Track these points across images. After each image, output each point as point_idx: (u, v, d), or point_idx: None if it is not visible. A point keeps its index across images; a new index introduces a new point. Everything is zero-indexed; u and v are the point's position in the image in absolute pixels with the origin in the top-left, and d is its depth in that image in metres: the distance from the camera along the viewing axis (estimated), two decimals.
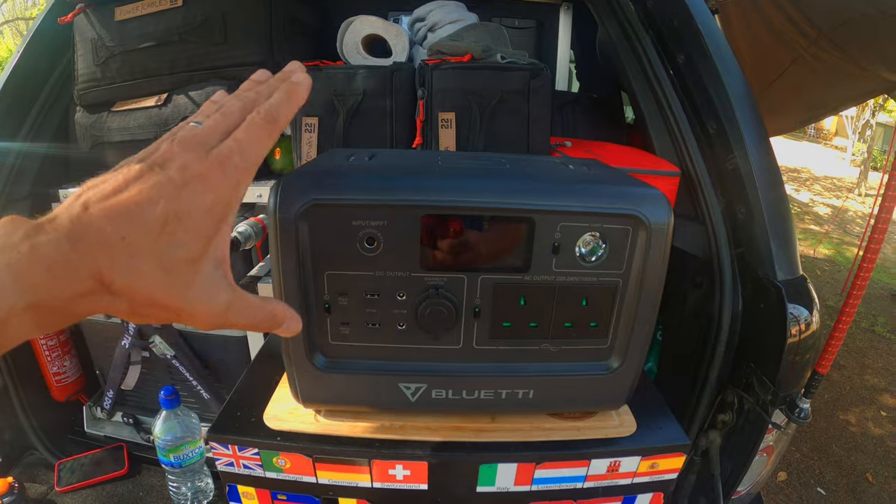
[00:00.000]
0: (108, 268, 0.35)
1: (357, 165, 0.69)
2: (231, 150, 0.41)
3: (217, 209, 0.40)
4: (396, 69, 1.27)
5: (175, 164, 0.38)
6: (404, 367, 0.71)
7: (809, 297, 1.07)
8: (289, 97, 0.48)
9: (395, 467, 0.76)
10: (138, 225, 0.36)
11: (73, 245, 0.34)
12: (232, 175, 0.41)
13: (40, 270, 0.34)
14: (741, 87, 1.19)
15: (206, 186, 0.39)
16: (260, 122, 0.44)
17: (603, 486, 0.81)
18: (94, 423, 1.68)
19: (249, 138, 0.43)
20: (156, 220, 0.37)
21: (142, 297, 0.37)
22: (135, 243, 0.36)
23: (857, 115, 12.19)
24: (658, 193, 0.66)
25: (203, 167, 0.39)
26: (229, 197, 0.41)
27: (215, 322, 0.42)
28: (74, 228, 0.35)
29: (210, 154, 0.40)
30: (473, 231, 0.63)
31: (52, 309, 0.35)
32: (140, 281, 0.37)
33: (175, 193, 0.37)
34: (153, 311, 0.39)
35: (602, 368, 0.73)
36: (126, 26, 1.43)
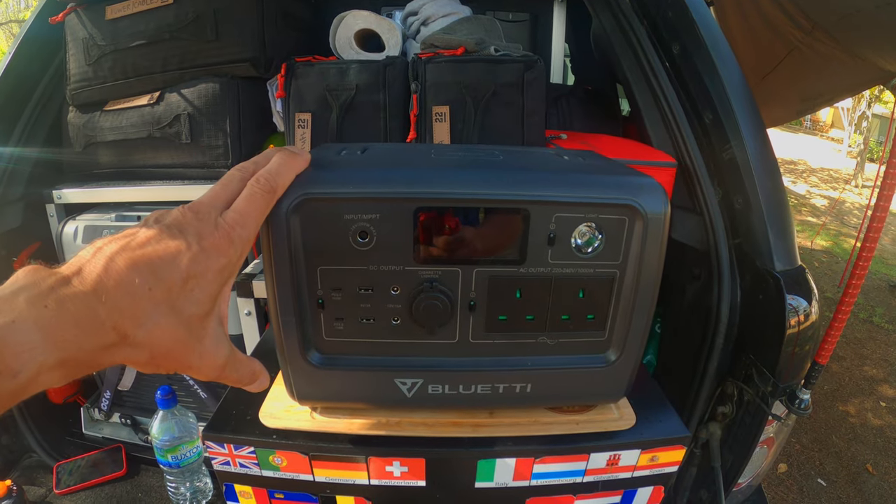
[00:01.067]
0: (132, 319, 0.38)
1: (349, 159, 0.68)
2: (234, 221, 0.46)
3: (226, 272, 0.45)
4: (389, 63, 1.27)
5: (191, 230, 0.43)
6: (400, 363, 0.70)
7: (808, 287, 1.06)
8: (287, 164, 0.54)
9: (393, 464, 0.75)
10: (164, 278, 0.39)
11: (99, 298, 0.36)
12: (238, 244, 0.45)
13: (69, 326, 0.35)
14: (737, 76, 1.18)
15: (219, 253, 0.43)
16: (259, 191, 0.49)
17: (603, 479, 0.80)
18: (91, 424, 1.67)
19: (249, 208, 0.48)
20: (179, 276, 0.40)
21: (161, 350, 0.41)
22: (159, 296, 0.39)
23: (854, 107, 12.21)
24: (654, 183, 0.65)
25: (215, 237, 0.43)
26: (235, 261, 0.46)
27: (214, 374, 0.47)
28: (101, 281, 0.37)
29: (218, 225, 0.44)
30: (467, 223, 0.62)
31: (77, 362, 0.37)
32: (162, 333, 0.40)
33: (195, 256, 0.42)
34: (168, 363, 0.42)
35: (600, 361, 0.72)
36: (117, 25, 1.42)
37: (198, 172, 1.43)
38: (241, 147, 1.42)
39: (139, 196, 1.44)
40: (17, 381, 0.33)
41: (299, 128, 1.27)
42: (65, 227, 1.45)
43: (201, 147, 1.40)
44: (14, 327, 0.33)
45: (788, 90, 2.98)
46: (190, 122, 1.39)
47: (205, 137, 1.39)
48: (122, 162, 1.49)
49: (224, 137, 1.38)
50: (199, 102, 1.38)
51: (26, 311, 0.34)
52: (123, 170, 1.50)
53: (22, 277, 0.36)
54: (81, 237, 1.43)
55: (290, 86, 1.29)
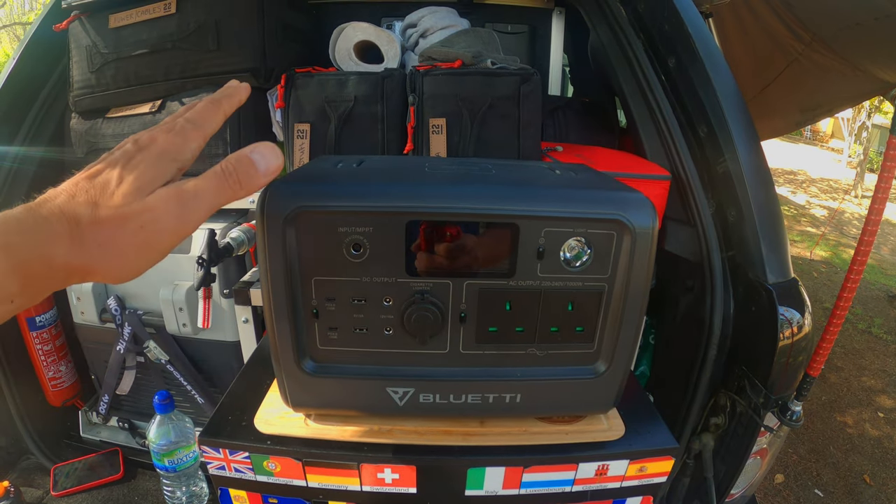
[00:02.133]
0: (72, 209, 0.41)
1: (344, 172, 0.69)
2: (175, 117, 0.50)
3: (166, 156, 0.46)
4: (387, 75, 1.28)
5: (128, 142, 0.46)
6: (392, 372, 0.72)
7: (801, 299, 1.07)
8: (229, 89, 0.55)
9: (384, 471, 0.76)
10: (100, 179, 0.43)
11: (41, 206, 0.40)
12: (180, 131, 0.48)
13: (13, 230, 0.38)
14: (731, 90, 1.20)
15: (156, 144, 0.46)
16: (202, 102, 0.53)
17: (591, 489, 0.81)
18: (89, 427, 1.68)
19: (192, 112, 0.51)
20: (114, 173, 0.43)
21: (105, 227, 0.41)
22: (96, 190, 0.42)
23: (854, 117, 12.21)
24: (642, 198, 0.66)
25: (152, 133, 0.47)
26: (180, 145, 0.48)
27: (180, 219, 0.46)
28: (44, 198, 0.41)
29: (156, 127, 0.49)
30: (458, 237, 0.64)
31: (32, 265, 0.39)
32: (100, 209, 0.41)
33: (129, 156, 0.44)
34: (119, 236, 0.42)
35: (589, 372, 0.73)
36: (120, 33, 1.44)
37: None
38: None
39: None
40: None
41: (298, 138, 1.29)
42: None
43: (201, 156, 1.38)
44: None
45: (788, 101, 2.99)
46: None
47: (205, 146, 1.40)
48: None
49: (224, 146, 1.39)
50: None
51: None
52: None
53: None
54: None
55: (290, 96, 1.30)
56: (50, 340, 1.58)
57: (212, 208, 0.47)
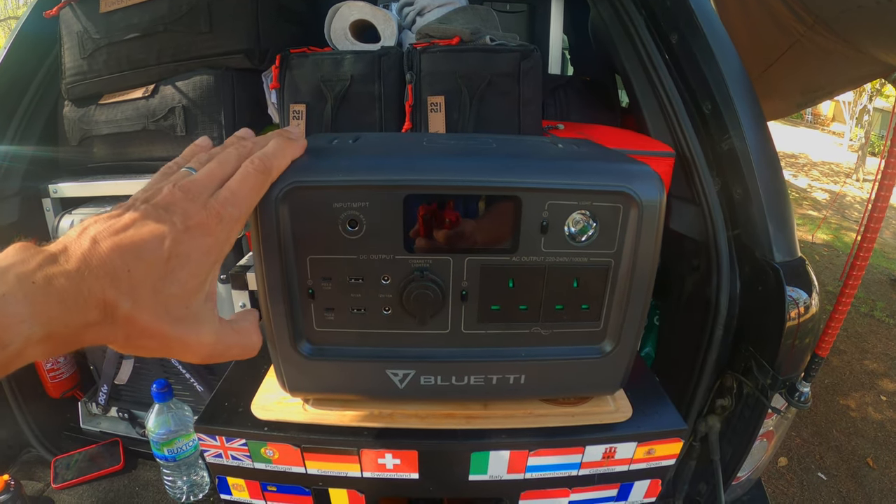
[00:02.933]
0: (114, 297, 0.39)
1: (339, 147, 0.67)
2: (226, 200, 0.46)
3: (213, 252, 0.45)
4: (384, 53, 1.25)
5: (178, 210, 0.43)
6: (391, 353, 0.70)
7: (808, 279, 1.05)
8: (285, 148, 0.54)
9: (385, 456, 0.75)
10: (144, 260, 0.40)
11: (83, 276, 0.38)
12: (227, 224, 0.46)
13: (54, 302, 0.37)
14: (736, 66, 1.17)
15: (205, 232, 0.44)
16: (253, 172, 0.50)
17: (598, 473, 0.79)
18: (89, 418, 1.67)
19: (242, 189, 0.48)
20: (160, 257, 0.41)
21: (138, 328, 0.41)
22: (139, 276, 0.40)
23: (855, 101, 12.18)
24: (649, 170, 0.64)
25: (202, 217, 0.44)
26: (224, 242, 0.46)
27: (205, 352, 0.47)
28: (86, 260, 0.39)
29: (208, 204, 0.45)
30: (458, 211, 0.61)
31: (62, 337, 0.38)
32: (140, 310, 0.40)
33: (178, 237, 0.42)
34: (146, 341, 0.43)
35: (595, 352, 0.71)
36: (111, 18, 1.41)
37: None
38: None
39: (135, 189, 1.41)
40: (6, 352, 0.35)
41: (294, 119, 1.26)
42: (61, 221, 1.44)
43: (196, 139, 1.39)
44: (5, 300, 0.35)
45: (789, 83, 2.97)
46: (185, 115, 1.38)
47: (200, 130, 1.38)
48: (117, 155, 1.48)
49: (219, 129, 1.37)
50: (193, 95, 1.37)
51: (16, 286, 0.36)
52: (119, 163, 1.49)
53: (11, 254, 0.38)
54: None
55: (285, 77, 1.28)
56: None
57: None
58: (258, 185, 0.50)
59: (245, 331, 0.51)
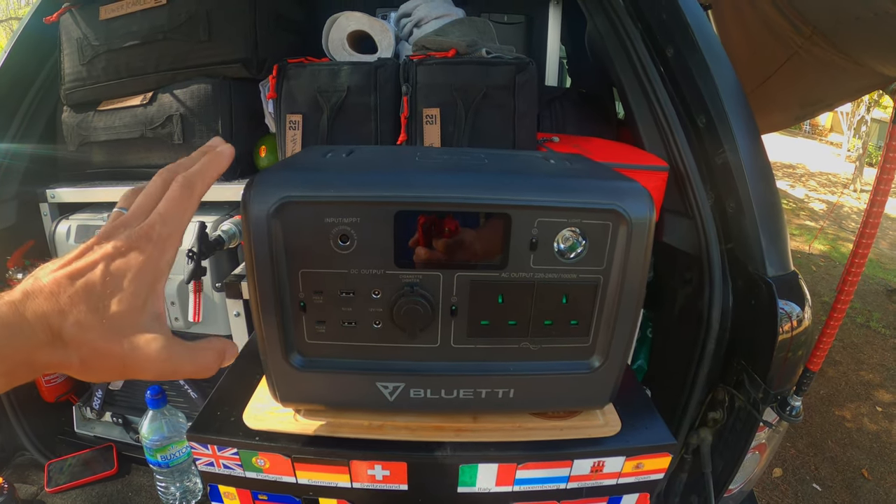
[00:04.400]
0: (57, 320, 0.42)
1: (332, 162, 0.68)
2: (154, 221, 0.48)
3: (148, 270, 0.46)
4: (380, 65, 1.26)
5: (110, 243, 0.46)
6: (381, 366, 0.70)
7: (801, 293, 1.06)
8: (208, 164, 0.54)
9: (374, 467, 0.75)
10: (81, 283, 0.43)
11: (24, 303, 0.41)
12: (158, 242, 0.47)
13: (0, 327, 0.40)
14: (731, 80, 1.18)
15: (138, 252, 0.46)
16: (178, 190, 0.51)
17: (587, 486, 0.80)
18: (83, 423, 1.67)
19: (168, 207, 0.49)
20: (95, 280, 0.44)
21: (88, 348, 0.43)
22: (77, 298, 0.43)
23: (853, 112, 12.20)
24: (639, 187, 0.64)
25: (131, 240, 0.46)
26: (157, 259, 0.47)
27: (160, 369, 0.47)
28: (27, 292, 0.42)
29: (137, 229, 0.47)
30: (448, 227, 0.62)
31: (13, 359, 0.41)
32: (84, 331, 0.42)
33: (110, 260, 0.45)
34: (100, 361, 0.44)
35: (584, 367, 0.72)
36: (111, 25, 1.42)
37: None
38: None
39: None
40: None
41: (290, 129, 1.27)
42: (58, 226, 1.44)
43: (193, 147, 1.37)
44: None
45: (788, 95, 2.97)
46: (182, 123, 1.38)
47: (197, 138, 1.39)
48: (115, 162, 1.49)
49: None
50: (191, 103, 1.38)
51: None
52: (116, 170, 1.50)
53: None
54: (74, 236, 1.43)
55: (282, 87, 1.28)
56: None
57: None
58: (184, 201, 0.51)
59: (200, 349, 0.51)
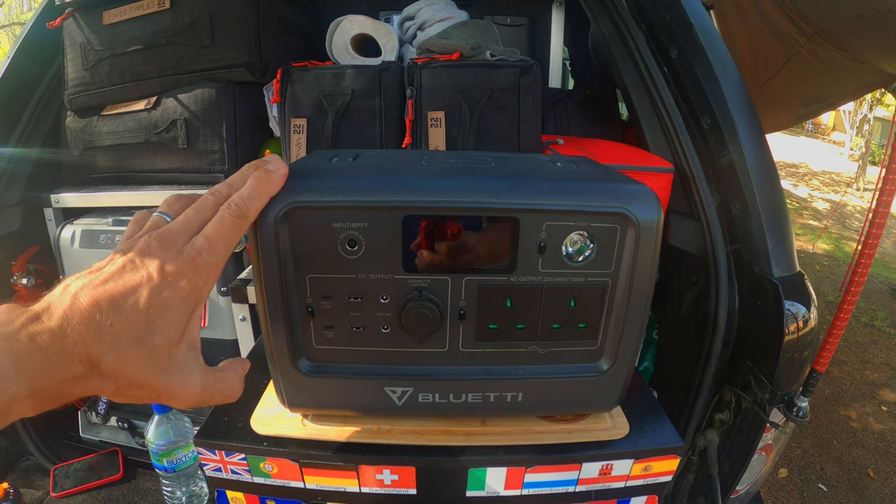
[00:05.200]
0: (97, 351, 0.40)
1: (338, 167, 0.68)
2: (202, 247, 0.46)
3: (191, 299, 0.45)
4: (385, 68, 1.26)
5: (154, 260, 0.44)
6: (390, 371, 0.70)
7: (807, 293, 1.05)
8: (260, 186, 0.53)
9: (383, 472, 0.75)
10: (124, 313, 0.41)
11: (65, 332, 0.39)
12: (203, 271, 0.46)
13: (39, 358, 0.38)
14: (735, 81, 1.18)
15: (181, 281, 0.44)
16: (230, 217, 0.49)
17: (595, 489, 0.79)
18: (89, 427, 1.67)
19: (218, 235, 0.48)
20: (139, 309, 0.42)
21: (126, 379, 0.42)
22: (120, 329, 0.41)
23: (855, 110, 12.18)
24: (647, 190, 0.64)
25: (177, 265, 0.44)
26: (201, 288, 0.46)
27: (192, 401, 0.47)
28: (67, 317, 0.39)
29: (183, 251, 0.45)
30: (456, 232, 0.62)
31: (48, 392, 0.39)
32: (125, 363, 0.41)
33: (155, 288, 0.43)
34: (136, 391, 0.44)
35: (592, 370, 0.72)
36: (114, 30, 1.43)
37: (194, 177, 1.43)
38: (238, 152, 1.42)
39: (136, 201, 1.44)
40: None
41: (295, 133, 1.27)
42: (62, 230, 1.45)
43: (198, 152, 1.40)
44: None
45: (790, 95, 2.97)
46: (186, 128, 1.39)
47: (201, 142, 1.39)
48: (119, 166, 1.49)
49: (220, 142, 1.38)
50: (195, 107, 1.38)
51: (1, 344, 0.37)
52: (121, 174, 1.50)
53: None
54: (79, 241, 1.43)
55: (286, 91, 1.28)
56: None
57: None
58: (234, 231, 0.49)
59: (229, 379, 0.52)
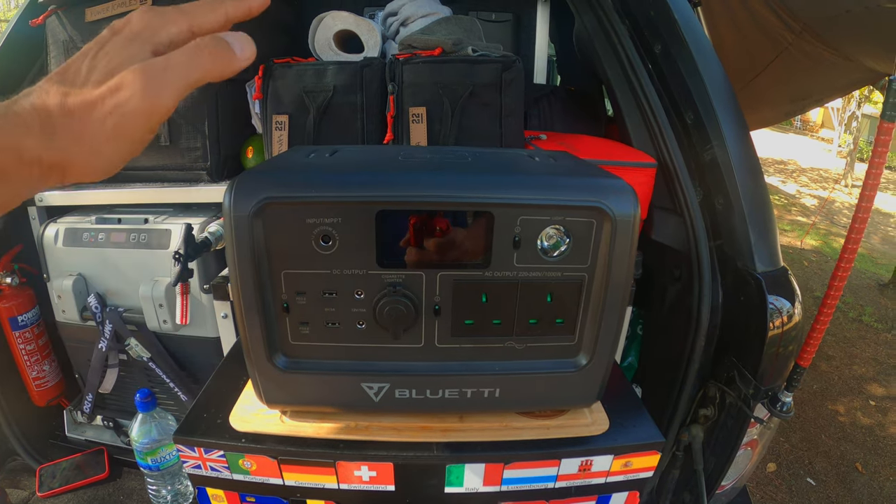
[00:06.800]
0: (43, 100, 0.38)
1: (314, 162, 0.67)
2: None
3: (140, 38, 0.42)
4: (367, 64, 1.25)
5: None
6: (366, 367, 0.70)
7: (791, 288, 1.06)
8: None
9: (361, 468, 0.75)
10: (70, 73, 0.40)
11: (15, 100, 0.38)
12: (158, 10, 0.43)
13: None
14: (719, 76, 1.18)
15: (132, 24, 0.42)
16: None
17: (575, 485, 0.79)
18: (74, 427, 1.66)
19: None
20: (83, 66, 0.40)
21: (76, 112, 0.38)
22: (66, 81, 0.40)
23: (843, 107, 12.26)
24: (624, 185, 0.64)
25: (130, 16, 0.43)
26: (155, 27, 0.43)
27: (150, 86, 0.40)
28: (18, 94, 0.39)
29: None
30: (430, 227, 0.62)
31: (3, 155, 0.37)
32: (70, 96, 0.39)
33: (103, 41, 0.42)
34: (88, 123, 0.39)
35: (570, 365, 0.72)
36: (97, 27, 1.41)
37: (177, 175, 1.42)
38: (220, 149, 1.40)
39: (119, 198, 1.43)
40: None
41: (276, 130, 1.26)
42: (46, 229, 1.43)
43: (180, 149, 1.39)
44: None
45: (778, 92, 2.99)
46: (169, 125, 1.37)
47: (183, 140, 1.38)
48: None
49: (202, 140, 1.37)
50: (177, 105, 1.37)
51: None
52: None
53: None
54: (62, 240, 1.42)
55: (268, 87, 1.28)
56: (33, 340, 1.56)
57: (185, 83, 0.41)
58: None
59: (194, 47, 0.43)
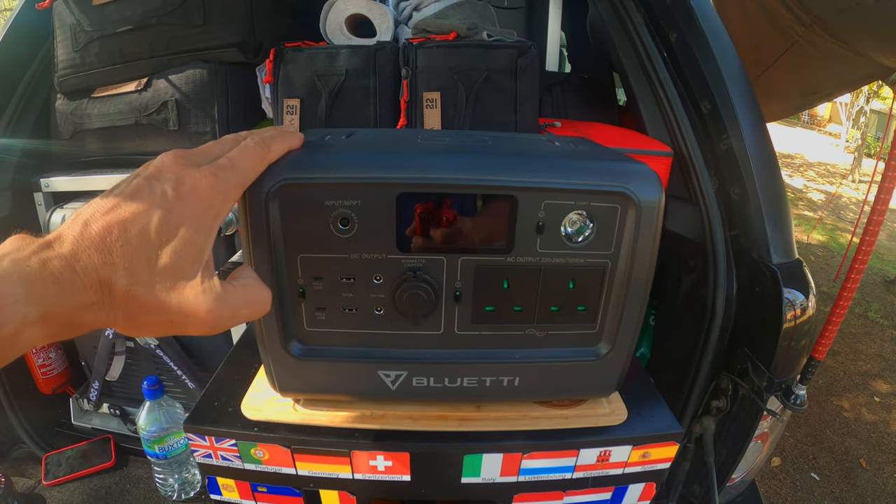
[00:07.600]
0: (108, 276, 0.39)
1: (331, 144, 0.66)
2: (224, 165, 0.45)
3: (207, 219, 0.43)
4: (379, 48, 1.24)
5: (169, 177, 0.42)
6: (383, 354, 0.68)
7: (805, 281, 1.04)
8: (282, 134, 0.54)
9: (377, 458, 0.73)
10: (135, 234, 0.40)
11: (76, 257, 0.38)
12: (223, 186, 0.44)
13: (49, 283, 0.37)
14: (735, 65, 1.16)
15: (198, 198, 0.43)
16: (252, 145, 0.49)
17: (593, 476, 0.78)
18: (81, 415, 1.65)
19: (242, 156, 0.47)
20: (151, 230, 0.40)
21: (137, 303, 0.40)
22: (131, 250, 0.40)
23: (852, 102, 12.18)
24: (648, 170, 0.63)
25: (195, 178, 0.43)
26: (219, 206, 0.44)
27: (212, 320, 0.44)
28: (78, 242, 0.39)
29: (202, 168, 0.43)
30: (452, 210, 0.60)
31: (60, 319, 0.38)
32: (136, 284, 0.40)
33: (169, 206, 0.41)
34: (148, 318, 0.42)
35: (591, 354, 0.70)
36: (104, 10, 1.39)
37: None
38: (230, 133, 1.39)
39: None
40: (2, 332, 0.35)
41: (287, 114, 1.25)
42: (52, 215, 1.42)
43: (189, 134, 1.37)
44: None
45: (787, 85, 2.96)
46: (177, 109, 1.36)
47: (192, 124, 1.36)
48: (109, 149, 1.47)
49: (212, 124, 1.35)
50: (186, 88, 1.35)
51: (10, 268, 0.36)
52: (111, 157, 1.47)
53: (8, 244, 0.38)
54: None
55: (279, 71, 1.26)
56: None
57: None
58: (257, 157, 0.49)
59: (249, 286, 0.48)
